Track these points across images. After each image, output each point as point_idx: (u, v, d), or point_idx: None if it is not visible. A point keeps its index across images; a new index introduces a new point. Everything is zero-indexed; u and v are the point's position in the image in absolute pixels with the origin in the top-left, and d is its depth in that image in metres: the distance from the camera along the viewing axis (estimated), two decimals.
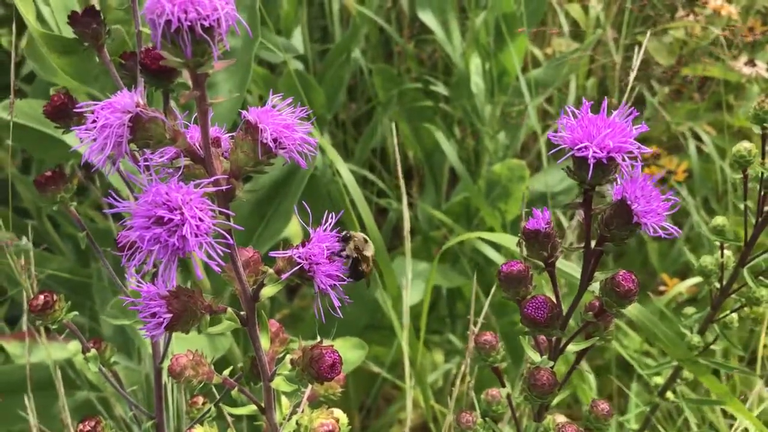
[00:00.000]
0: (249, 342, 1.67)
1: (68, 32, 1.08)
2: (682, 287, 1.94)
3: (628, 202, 0.69)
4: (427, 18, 2.23)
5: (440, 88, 2.15)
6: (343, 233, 0.75)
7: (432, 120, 2.21)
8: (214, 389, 0.96)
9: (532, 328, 0.77)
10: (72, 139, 1.36)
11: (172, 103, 0.82)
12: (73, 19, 0.87)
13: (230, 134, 0.69)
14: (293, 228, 1.79)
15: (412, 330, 1.55)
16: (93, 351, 0.88)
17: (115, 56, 0.93)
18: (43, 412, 1.52)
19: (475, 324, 1.09)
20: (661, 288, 2.06)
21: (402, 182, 1.63)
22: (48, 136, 1.58)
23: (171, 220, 0.56)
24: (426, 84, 2.25)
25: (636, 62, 1.27)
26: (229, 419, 0.98)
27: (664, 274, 2.10)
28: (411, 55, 2.30)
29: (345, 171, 1.47)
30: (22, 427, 1.58)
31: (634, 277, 0.76)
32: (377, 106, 2.33)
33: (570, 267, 1.11)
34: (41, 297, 0.83)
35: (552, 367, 0.83)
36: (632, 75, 1.31)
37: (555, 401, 0.88)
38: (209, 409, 0.93)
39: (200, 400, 0.99)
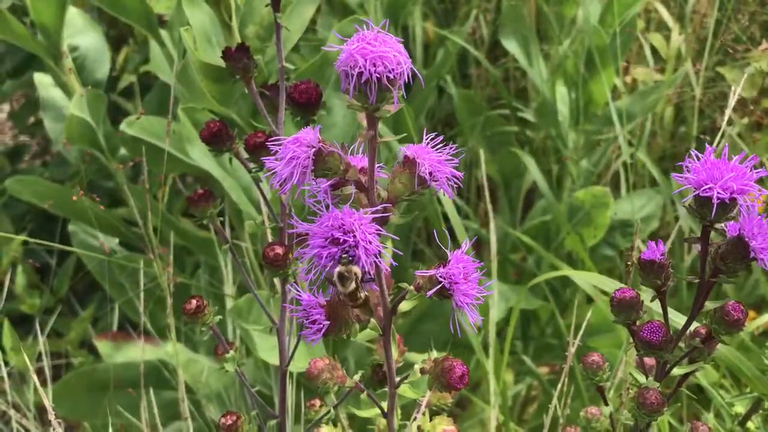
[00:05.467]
0: (340, 349, 1.77)
1: (209, 57, 1.20)
2: (760, 321, 1.94)
3: (746, 239, 0.74)
4: (511, 46, 2.30)
5: (528, 115, 2.22)
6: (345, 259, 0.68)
7: (511, 145, 2.28)
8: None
9: (647, 350, 0.83)
10: (193, 156, 1.47)
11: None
12: (226, 54, 0.97)
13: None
14: None
15: (497, 348, 1.61)
16: (231, 353, 0.97)
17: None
18: (132, 409, 1.63)
19: (571, 345, 1.15)
20: None
21: (490, 207, 1.70)
22: (161, 150, 1.71)
23: (345, 241, 0.65)
24: (513, 110, 2.32)
25: (731, 102, 1.30)
26: (344, 422, 1.06)
27: None
28: (498, 81, 2.38)
29: (449, 201, 1.55)
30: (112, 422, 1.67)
31: (742, 307, 0.82)
32: (458, 132, 2.41)
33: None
34: (193, 301, 0.92)
35: (658, 388, 0.88)
36: (726, 115, 1.33)
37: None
38: (329, 411, 1.01)
39: (318, 402, 1.08)
